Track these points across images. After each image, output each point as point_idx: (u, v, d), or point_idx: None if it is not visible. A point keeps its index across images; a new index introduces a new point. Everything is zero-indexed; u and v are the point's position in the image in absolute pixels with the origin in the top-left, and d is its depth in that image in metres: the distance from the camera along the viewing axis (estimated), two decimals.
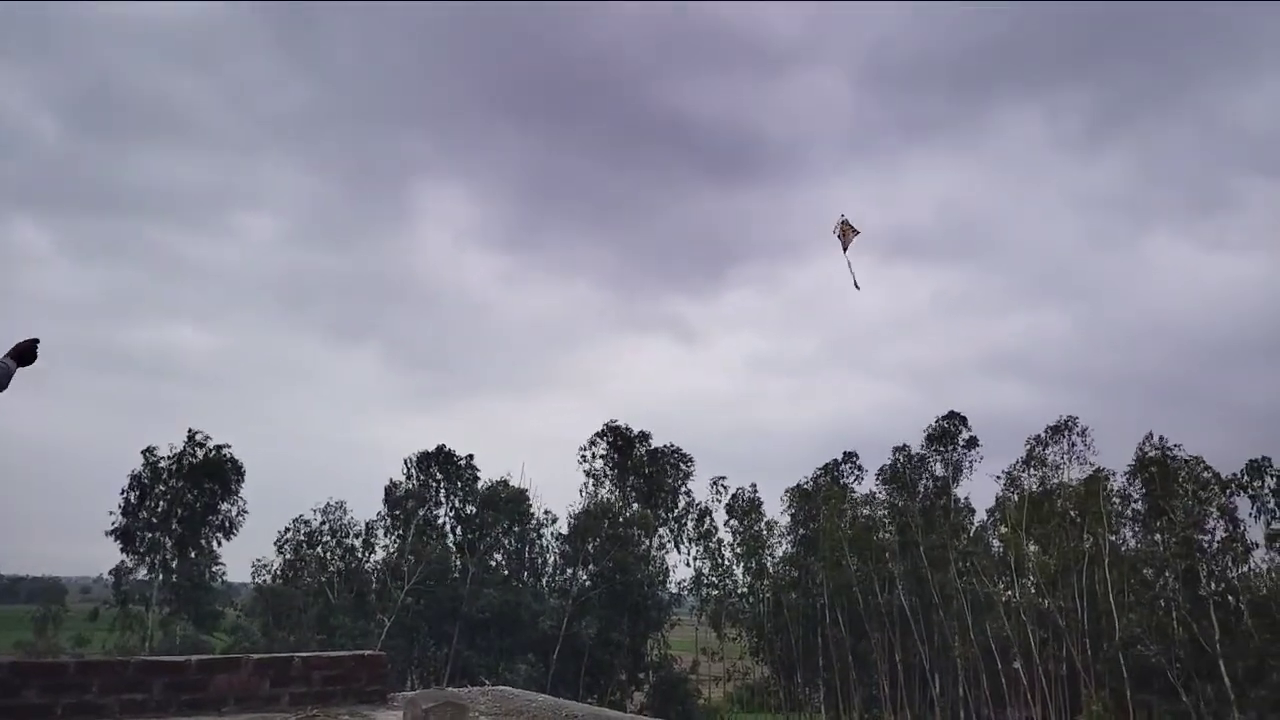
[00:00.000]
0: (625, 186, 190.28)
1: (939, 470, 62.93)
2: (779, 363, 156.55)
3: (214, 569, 51.83)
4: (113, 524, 48.87)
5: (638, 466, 62.68)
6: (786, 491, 66.63)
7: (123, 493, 49.55)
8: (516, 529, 57.72)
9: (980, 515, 63.44)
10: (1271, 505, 52.11)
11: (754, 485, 67.28)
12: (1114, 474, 55.99)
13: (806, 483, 66.37)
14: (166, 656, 6.65)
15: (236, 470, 51.90)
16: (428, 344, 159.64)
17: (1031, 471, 59.95)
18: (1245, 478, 51.87)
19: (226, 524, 51.89)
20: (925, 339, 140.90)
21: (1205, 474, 52.07)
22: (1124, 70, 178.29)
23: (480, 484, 57.10)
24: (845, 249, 24.03)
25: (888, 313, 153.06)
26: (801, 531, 65.02)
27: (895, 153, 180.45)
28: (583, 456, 62.33)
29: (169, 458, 50.75)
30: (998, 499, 61.09)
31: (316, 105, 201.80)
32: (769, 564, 65.86)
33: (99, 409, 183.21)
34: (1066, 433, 59.07)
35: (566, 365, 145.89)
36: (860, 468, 65.95)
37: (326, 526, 53.07)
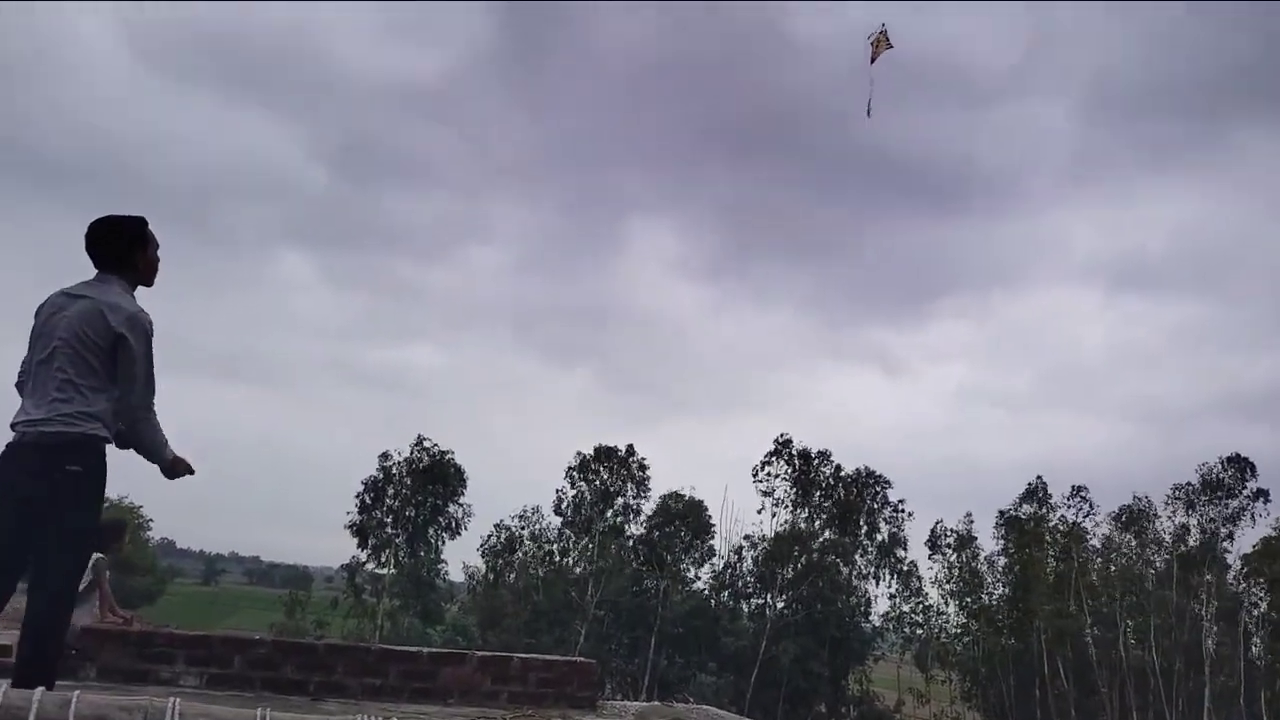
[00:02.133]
0: (829, 217, 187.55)
1: (1214, 519, 55.35)
2: (989, 395, 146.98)
3: (438, 566, 55.74)
4: (350, 521, 53.68)
5: (825, 488, 59.81)
6: (998, 518, 60.73)
7: (357, 495, 54.34)
8: (704, 544, 57.58)
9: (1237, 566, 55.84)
10: None
11: (969, 515, 62.44)
12: None
13: (1017, 509, 60.50)
14: (402, 647, 7.21)
15: (459, 475, 55.41)
16: (634, 367, 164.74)
17: None
18: None
19: (453, 524, 55.39)
20: (1158, 375, 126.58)
21: None
22: None
23: (653, 491, 57.04)
24: (873, 60, 21.90)
25: (1115, 346, 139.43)
26: (1016, 568, 59.87)
27: (1121, 180, 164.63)
28: (757, 474, 58.76)
29: (400, 462, 55.04)
30: (1258, 544, 53.63)
31: (541, 148, 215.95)
32: (985, 601, 60.87)
33: (346, 417, 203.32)
34: None
35: (768, 391, 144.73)
36: (1090, 502, 58.56)
37: (526, 532, 55.51)
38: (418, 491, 54.32)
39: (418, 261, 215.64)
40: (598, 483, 57.12)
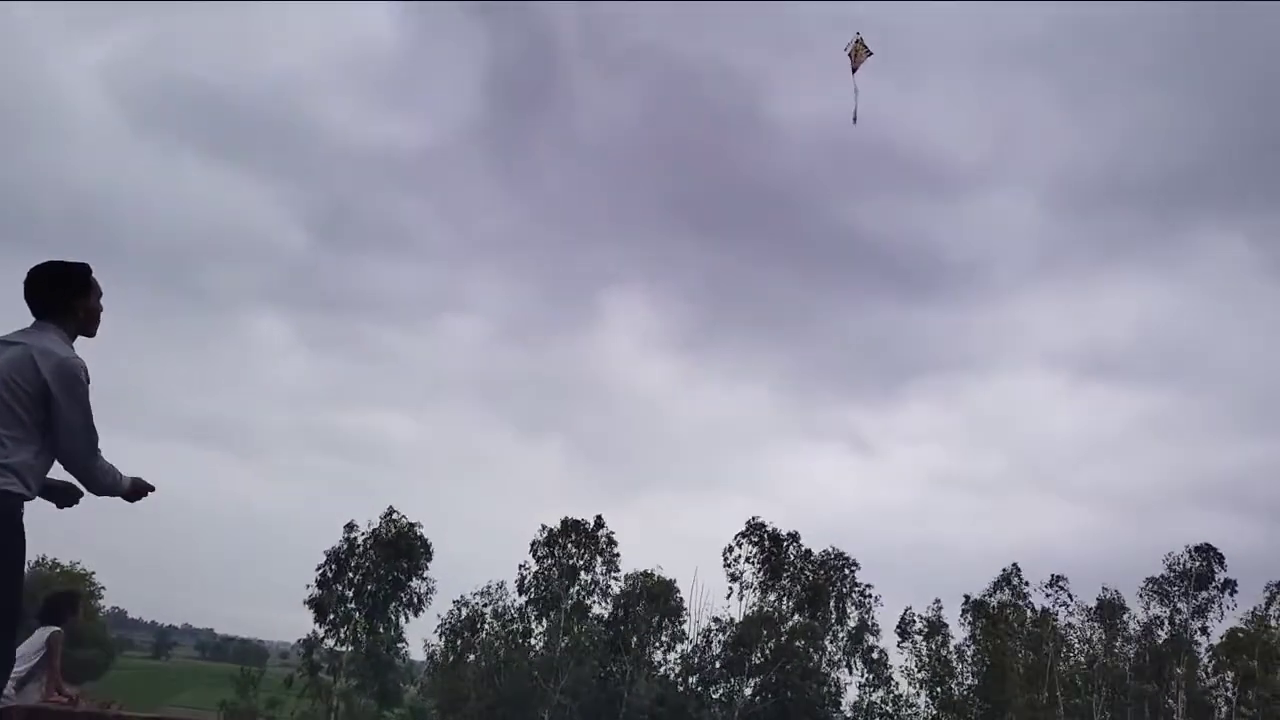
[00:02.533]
0: (802, 297, 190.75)
1: (1182, 610, 55.33)
2: (960, 479, 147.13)
3: (398, 645, 54.11)
4: (309, 595, 52.27)
5: (794, 571, 59.04)
6: (964, 602, 59.26)
7: (319, 567, 53.10)
8: (673, 628, 56.57)
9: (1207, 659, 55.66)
10: None
11: (938, 602, 61.46)
12: None
13: (989, 596, 59.77)
14: None
15: (425, 549, 54.37)
16: (606, 440, 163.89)
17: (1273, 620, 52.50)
18: None
19: (415, 600, 54.07)
20: (1127, 464, 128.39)
21: None
22: None
23: (623, 570, 56.12)
24: (855, 70, 22.05)
25: (1083, 434, 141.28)
26: (986, 657, 59.01)
27: (1087, 271, 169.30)
28: (726, 558, 57.98)
29: (366, 533, 53.98)
30: (1226, 634, 53.54)
31: (521, 222, 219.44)
32: (955, 692, 59.63)
33: (312, 485, 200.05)
34: None
35: (739, 468, 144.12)
36: (1069, 592, 57.54)
37: (489, 610, 54.17)
38: (381, 564, 53.22)
39: (395, 329, 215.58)
40: (564, 559, 56.18)
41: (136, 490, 4.25)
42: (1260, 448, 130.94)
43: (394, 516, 54.55)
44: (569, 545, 56.34)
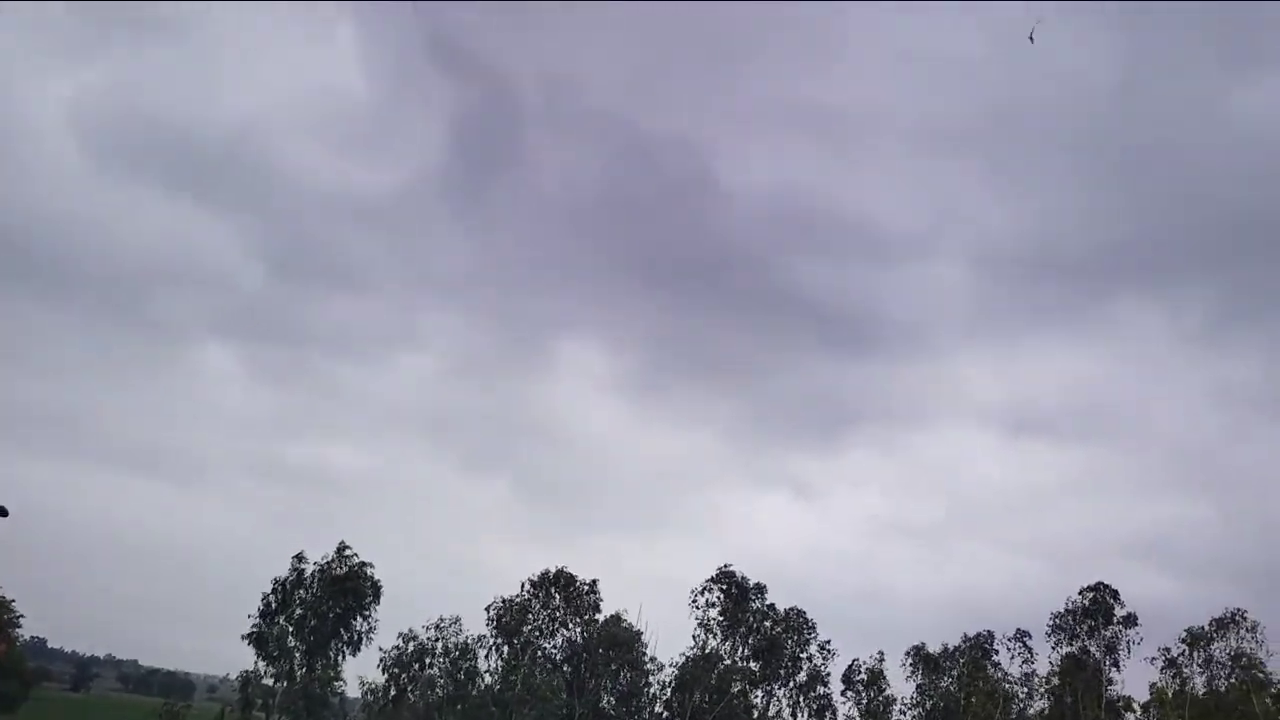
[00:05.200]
0: (748, 348, 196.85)
1: (1091, 649, 57.17)
2: (901, 526, 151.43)
3: (335, 684, 52.71)
4: (252, 627, 50.84)
5: (753, 621, 59.50)
6: (909, 653, 61.22)
7: (264, 596, 51.79)
8: (627, 673, 56.27)
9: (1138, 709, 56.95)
10: None
11: (880, 654, 62.26)
12: None
13: (934, 650, 60.89)
14: None
15: (374, 589, 53.53)
16: (555, 480, 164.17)
17: (1197, 667, 54.12)
18: None
19: (356, 638, 52.99)
20: (1056, 516, 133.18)
21: None
22: (1246, 270, 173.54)
23: (599, 615, 56.21)
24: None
25: (1016, 486, 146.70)
26: (929, 704, 59.76)
27: (1016, 335, 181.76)
28: (694, 602, 58.83)
29: (317, 564, 53.04)
30: (1155, 691, 54.99)
31: (479, 266, 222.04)
32: None
33: (253, 513, 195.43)
34: (1234, 627, 53.43)
35: (685, 511, 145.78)
36: (1030, 648, 58.96)
37: (440, 645, 53.10)
38: (326, 600, 52.06)
39: (347, 363, 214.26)
40: (549, 610, 56.11)
41: None
42: (1173, 506, 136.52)
43: (346, 552, 53.68)
44: (556, 597, 56.37)
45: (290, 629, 51.55)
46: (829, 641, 60.59)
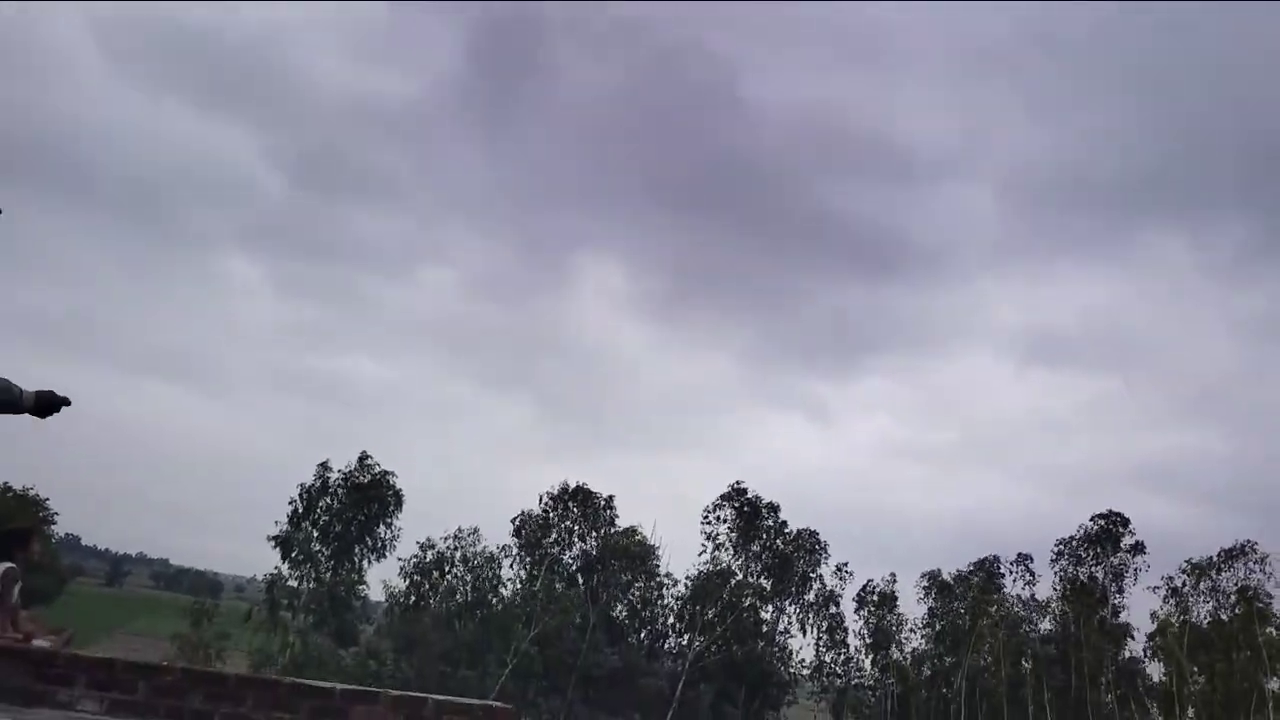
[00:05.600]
0: (771, 272, 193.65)
1: (1098, 575, 58.06)
2: (913, 450, 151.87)
3: (358, 586, 54.31)
4: (278, 531, 52.02)
5: (765, 539, 60.43)
6: (923, 577, 62.58)
7: (291, 502, 52.93)
8: (640, 584, 57.54)
9: (1140, 636, 57.95)
10: None
11: (892, 575, 63.31)
12: None
13: (949, 575, 62.09)
14: (314, 682, 7.08)
15: (397, 498, 54.52)
16: (574, 399, 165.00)
17: (1203, 599, 54.70)
18: None
19: (381, 545, 54.29)
20: (1070, 445, 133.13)
21: None
22: (1275, 205, 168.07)
23: (614, 530, 57.29)
24: None
25: (1030, 414, 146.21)
26: (939, 626, 61.14)
27: (1039, 262, 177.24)
28: (706, 519, 59.75)
29: (340, 473, 53.95)
30: (1158, 621, 55.73)
31: (499, 180, 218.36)
32: (897, 657, 61.94)
33: (278, 425, 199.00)
34: (1242, 558, 53.69)
35: (701, 431, 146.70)
36: (1032, 572, 60.09)
37: (459, 554, 54.38)
38: (350, 508, 53.19)
39: (369, 277, 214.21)
40: (568, 522, 56.95)
41: (44, 405, 3.98)
42: (1190, 436, 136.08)
43: (368, 461, 54.58)
44: (573, 509, 57.22)
45: (315, 534, 52.86)
46: (846, 563, 61.74)
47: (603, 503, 57.55)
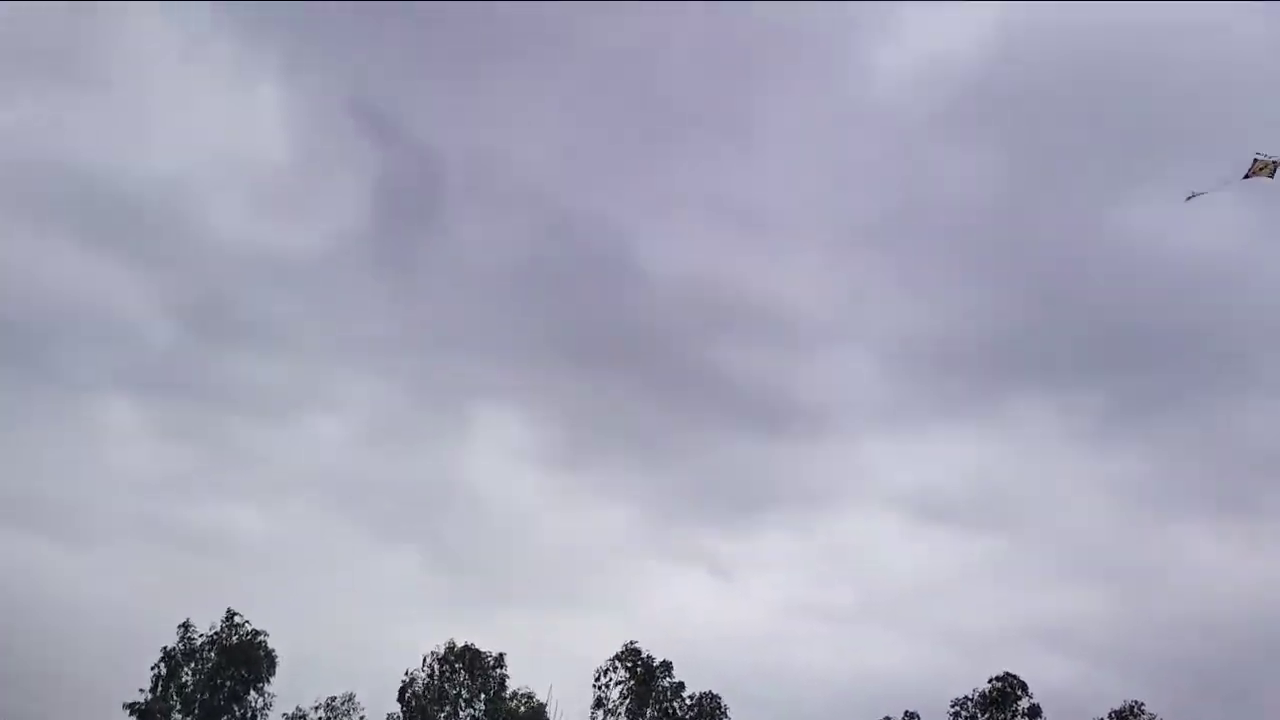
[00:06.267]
0: (667, 427, 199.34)
1: None
2: (814, 609, 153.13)
3: None
4: (141, 699, 47.84)
5: (661, 701, 58.15)
6: None
7: (154, 666, 48.95)
8: None
9: None
10: None
11: None
12: None
13: None
14: None
15: (270, 660, 51.11)
16: (469, 552, 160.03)
17: None
18: None
19: (251, 714, 50.48)
20: (963, 604, 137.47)
21: None
22: (1126, 377, 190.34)
23: (508, 692, 54.52)
24: (1246, 177, 25.09)
25: (923, 573, 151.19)
26: None
27: (922, 424, 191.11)
28: (598, 682, 57.23)
29: (206, 635, 50.55)
30: None
31: (400, 331, 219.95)
32: None
33: (145, 578, 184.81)
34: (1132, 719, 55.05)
35: (601, 587, 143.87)
36: None
37: None
38: (217, 674, 49.44)
39: (255, 424, 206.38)
40: (453, 689, 54.33)
41: None
42: (1077, 595, 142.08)
43: (237, 619, 51.27)
44: (461, 673, 54.59)
45: (178, 702, 48.71)
46: None
47: (492, 661, 55.04)
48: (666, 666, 58.62)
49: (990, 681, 59.06)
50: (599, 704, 56.23)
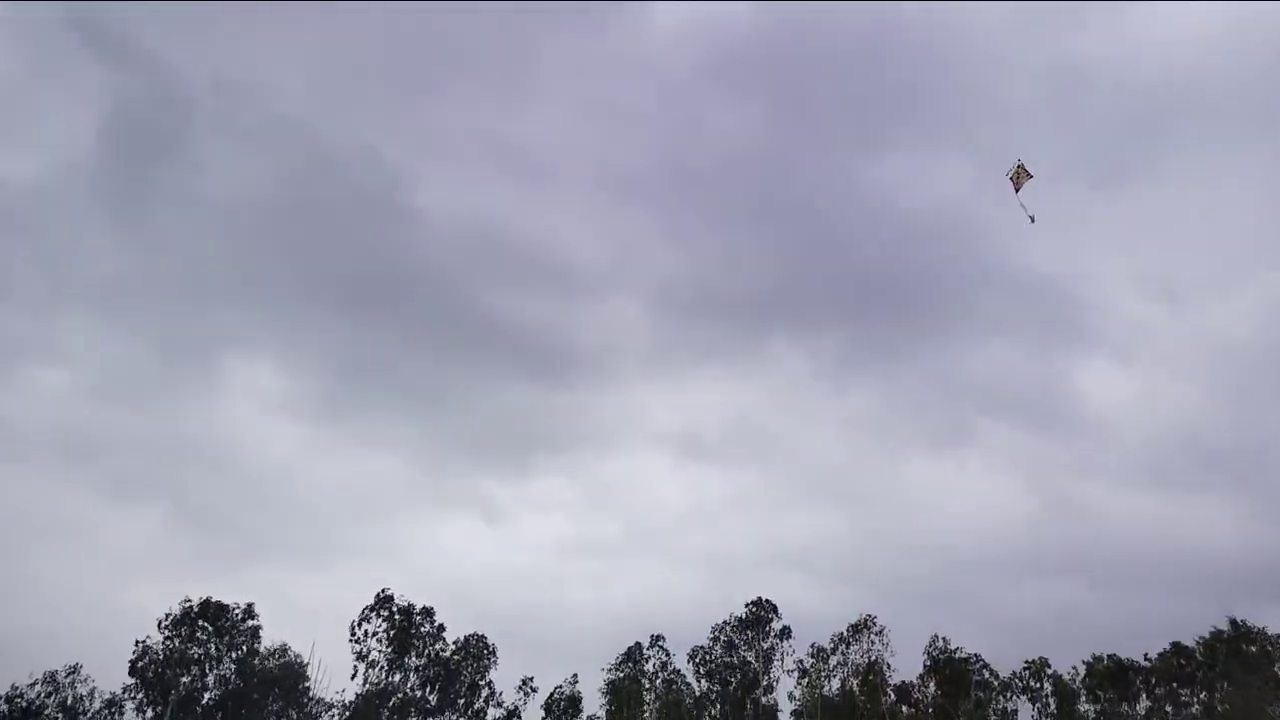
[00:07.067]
0: (439, 374, 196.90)
1: (750, 659, 62.31)
2: (585, 548, 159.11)
3: None
4: None
5: (423, 647, 56.90)
6: (602, 686, 62.75)
7: None
8: (294, 712, 51.61)
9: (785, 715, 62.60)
10: (1053, 708, 54.68)
11: (575, 676, 62.48)
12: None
13: (612, 669, 63.08)
14: None
15: None
16: (220, 508, 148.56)
17: (834, 674, 60.77)
18: (1026, 679, 54.59)
19: None
20: (720, 533, 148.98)
21: (986, 674, 54.48)
22: (864, 323, 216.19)
23: (262, 645, 51.04)
24: (1018, 190, 26.32)
25: (686, 507, 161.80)
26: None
27: (686, 368, 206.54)
28: (354, 635, 55.55)
29: None
30: (797, 696, 60.79)
31: (134, 274, 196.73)
32: None
33: None
34: (866, 631, 60.65)
35: (369, 538, 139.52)
36: (667, 650, 63.20)
37: (54, 700, 45.01)
38: None
39: None
40: (196, 649, 49.41)
41: None
42: (816, 519, 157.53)
43: None
44: (206, 628, 50.14)
45: None
46: (531, 678, 60.06)
47: (240, 614, 51.30)
48: (427, 613, 57.54)
49: (746, 606, 63.33)
50: (360, 656, 54.07)
